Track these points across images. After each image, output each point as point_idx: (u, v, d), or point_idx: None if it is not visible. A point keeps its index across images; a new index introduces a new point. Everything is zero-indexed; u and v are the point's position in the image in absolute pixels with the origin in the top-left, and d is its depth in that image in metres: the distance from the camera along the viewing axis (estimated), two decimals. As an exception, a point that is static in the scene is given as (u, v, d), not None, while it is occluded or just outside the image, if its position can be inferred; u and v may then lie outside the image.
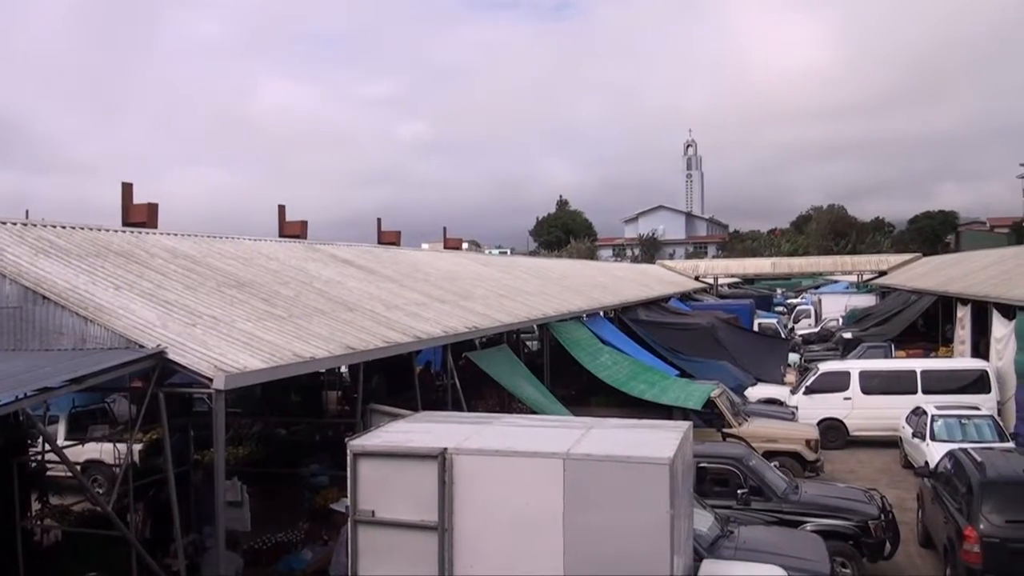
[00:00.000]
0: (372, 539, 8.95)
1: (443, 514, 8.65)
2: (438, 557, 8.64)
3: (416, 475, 8.77)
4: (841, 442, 24.88)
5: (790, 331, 48.56)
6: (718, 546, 11.47)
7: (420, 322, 15.89)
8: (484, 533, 8.62)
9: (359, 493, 8.98)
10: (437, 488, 8.65)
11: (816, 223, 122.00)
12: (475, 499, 8.65)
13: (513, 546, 8.52)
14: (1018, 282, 27.31)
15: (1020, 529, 12.65)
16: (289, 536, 13.31)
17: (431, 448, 8.76)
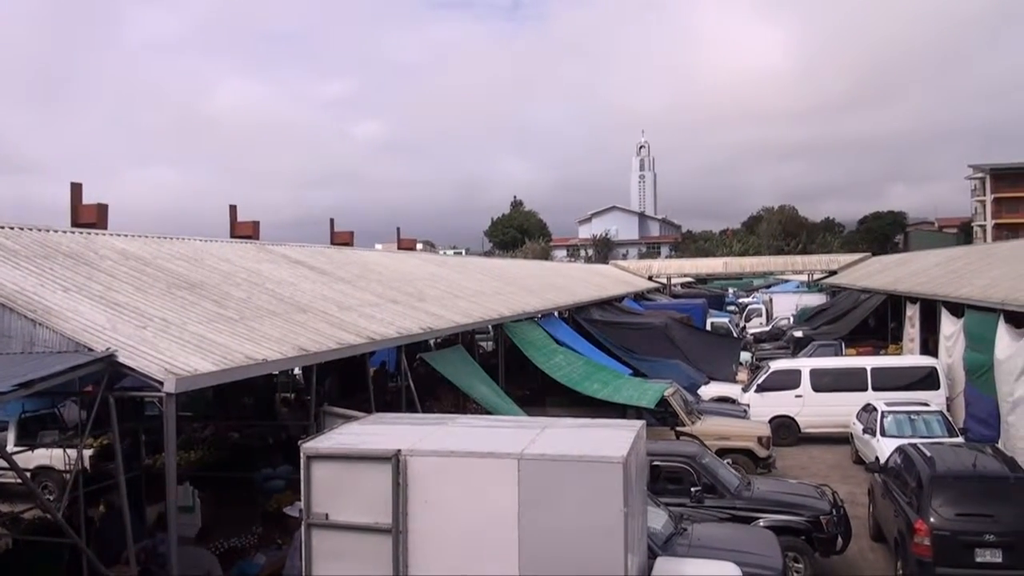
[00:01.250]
0: (326, 542, 8.89)
1: (397, 516, 8.62)
2: (392, 559, 8.60)
3: (370, 477, 8.72)
4: (793, 439, 25.19)
5: (742, 330, 49.08)
6: (672, 544, 11.56)
7: (374, 323, 15.83)
8: (439, 534, 8.60)
9: (312, 496, 8.92)
10: (391, 490, 8.62)
11: (767, 223, 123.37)
12: (429, 500, 8.62)
13: (468, 547, 8.51)
14: (966, 281, 27.81)
15: (969, 522, 12.91)
16: (242, 541, 13.19)
17: (385, 450, 8.73)
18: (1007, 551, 12.64)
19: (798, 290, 65.85)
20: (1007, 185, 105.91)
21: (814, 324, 42.60)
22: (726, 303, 65.66)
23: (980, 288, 24.73)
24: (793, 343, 38.77)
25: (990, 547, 12.68)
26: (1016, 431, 19.15)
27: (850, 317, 40.54)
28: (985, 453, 15.29)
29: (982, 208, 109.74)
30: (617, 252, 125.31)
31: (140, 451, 14.70)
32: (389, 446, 8.78)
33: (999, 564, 12.65)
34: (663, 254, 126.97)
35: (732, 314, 55.95)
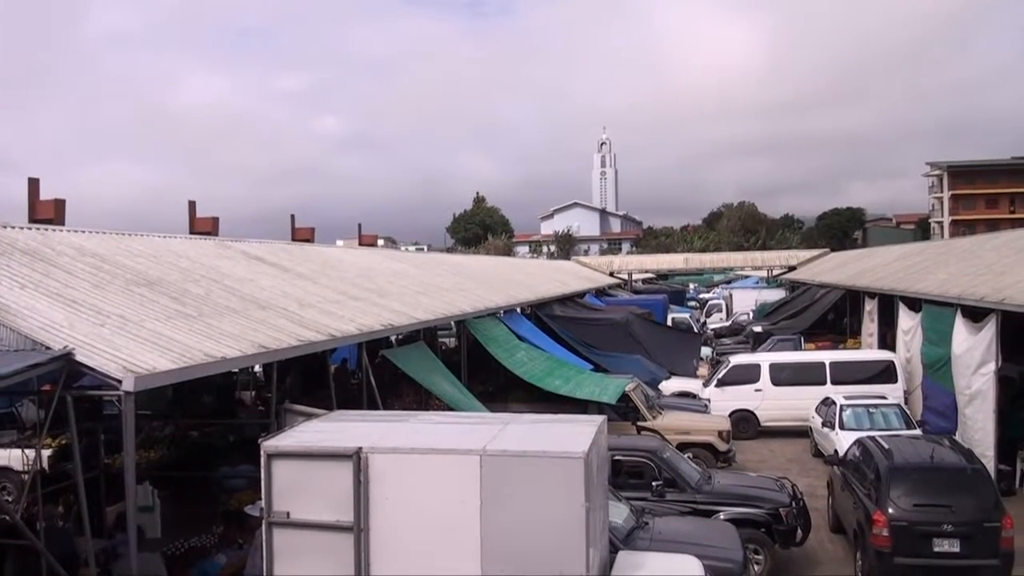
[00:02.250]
0: (287, 541, 8.82)
1: (359, 514, 8.58)
2: (354, 557, 8.56)
3: (331, 475, 8.67)
4: (752, 433, 25.43)
5: (702, 325, 49.43)
6: (634, 538, 11.61)
7: (335, 320, 15.75)
8: (401, 532, 8.58)
9: (273, 494, 8.84)
10: (352, 488, 8.58)
11: (727, 220, 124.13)
12: (391, 498, 8.59)
13: (430, 544, 8.49)
14: (923, 276, 28.18)
15: (927, 512, 13.13)
16: (203, 540, 13.07)
17: (346, 447, 8.68)
18: (964, 541, 12.87)
19: (758, 286, 66.34)
20: (964, 182, 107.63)
21: (773, 319, 42.93)
22: (687, 299, 66.15)
23: (937, 283, 25.07)
24: (753, 338, 39.06)
25: (948, 537, 12.91)
26: (973, 423, 19.46)
27: (809, 312, 40.92)
28: (943, 445, 15.52)
29: (939, 205, 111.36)
30: (579, 248, 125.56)
31: (99, 451, 14.53)
32: (350, 444, 8.73)
33: (956, 554, 12.89)
34: (624, 250, 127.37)
35: (693, 309, 56.40)
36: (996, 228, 65.86)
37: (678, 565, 9.81)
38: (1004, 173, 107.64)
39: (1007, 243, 27.46)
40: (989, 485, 13.90)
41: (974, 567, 12.94)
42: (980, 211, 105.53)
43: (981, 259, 26.41)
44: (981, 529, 12.92)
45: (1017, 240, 27.06)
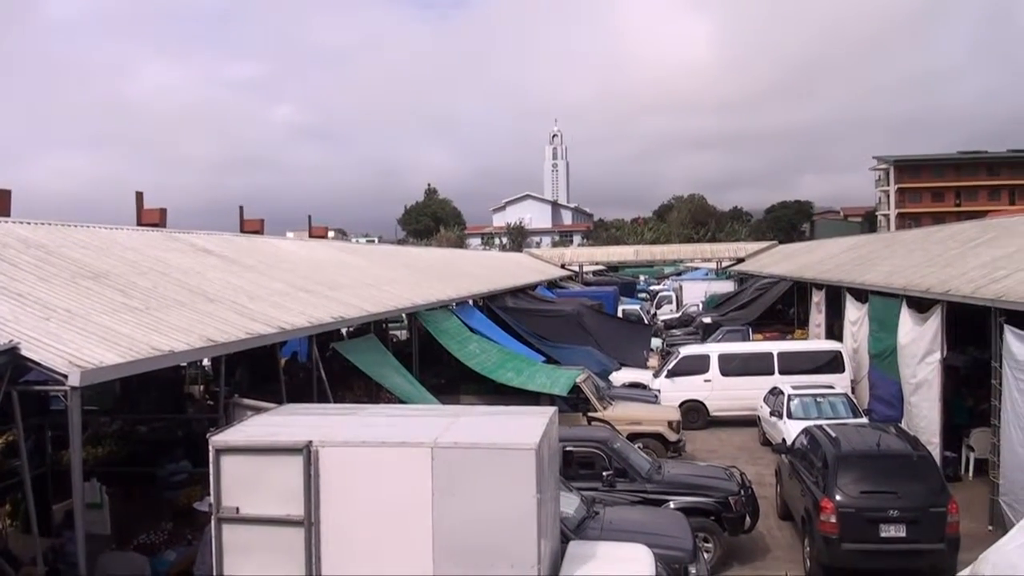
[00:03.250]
0: (237, 537, 8.75)
1: (309, 508, 8.53)
2: (305, 552, 8.52)
3: (281, 469, 8.62)
4: (702, 422, 25.68)
5: (652, 316, 49.73)
6: (585, 527, 11.68)
7: (284, 313, 15.61)
8: (352, 525, 8.55)
9: (223, 490, 8.76)
10: (303, 482, 8.53)
11: (677, 212, 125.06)
12: (342, 492, 8.55)
13: (381, 537, 8.47)
14: (870, 268, 28.60)
15: (874, 499, 13.36)
16: (152, 537, 12.89)
17: (296, 441, 8.62)
18: (910, 526, 13.12)
19: (707, 277, 66.91)
20: (910, 176, 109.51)
21: (723, 310, 43.29)
22: (637, 290, 66.50)
23: (883, 275, 25.46)
24: (702, 329, 39.35)
25: (894, 523, 13.15)
26: (919, 411, 19.82)
27: (757, 303, 41.31)
28: (889, 433, 15.78)
29: (886, 198, 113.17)
30: (531, 240, 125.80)
31: (46, 447, 14.28)
32: (300, 437, 8.67)
33: (903, 539, 13.13)
34: (576, 242, 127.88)
35: (643, 301, 56.64)
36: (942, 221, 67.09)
37: (628, 554, 9.88)
38: (950, 167, 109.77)
39: (952, 236, 27.94)
40: (935, 471, 14.18)
41: (920, 551, 13.18)
42: (926, 204, 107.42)
43: (927, 251, 26.85)
44: (927, 514, 13.17)
45: (962, 233, 27.56)
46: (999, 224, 27.09)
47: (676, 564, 11.45)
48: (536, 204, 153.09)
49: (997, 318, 16.06)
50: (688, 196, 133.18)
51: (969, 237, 25.53)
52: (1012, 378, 15.52)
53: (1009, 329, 15.66)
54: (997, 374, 16.12)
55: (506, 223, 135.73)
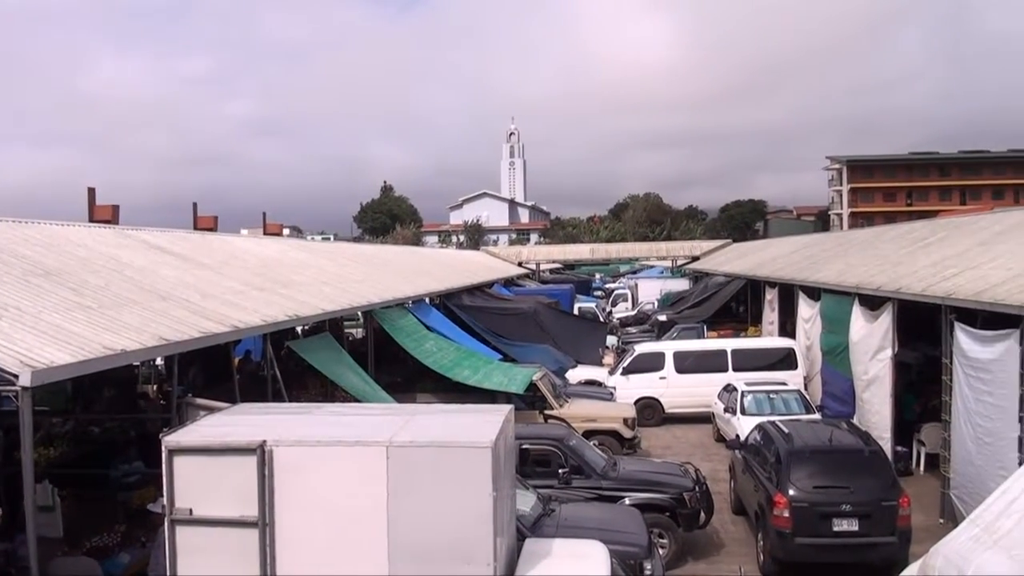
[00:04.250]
0: (191, 538, 8.63)
1: (263, 509, 8.45)
2: (259, 553, 8.45)
3: (235, 470, 8.52)
4: (657, 419, 25.86)
5: (608, 314, 49.92)
6: (541, 525, 11.71)
7: (238, 311, 15.49)
8: (306, 525, 8.48)
9: (176, 491, 8.64)
10: (257, 482, 8.45)
11: (633, 211, 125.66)
12: (297, 492, 8.48)
13: (337, 537, 8.42)
14: (822, 267, 28.93)
15: (826, 494, 13.55)
16: (105, 540, 12.73)
17: (249, 441, 8.53)
18: (863, 520, 13.32)
19: (662, 275, 67.37)
20: (862, 176, 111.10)
21: (677, 308, 43.62)
22: (593, 288, 66.78)
23: (836, 273, 25.76)
24: (657, 327, 39.61)
25: (847, 517, 13.33)
26: (870, 407, 20.11)
27: (712, 301, 41.66)
28: (841, 428, 16.01)
29: (839, 197, 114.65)
30: (488, 238, 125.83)
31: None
32: (254, 437, 8.58)
33: (855, 532, 13.33)
34: (533, 240, 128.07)
35: (599, 299, 56.94)
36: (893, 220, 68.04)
37: (584, 551, 9.91)
38: (901, 168, 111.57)
39: (903, 235, 28.35)
40: (886, 466, 14.42)
41: (872, 545, 13.38)
42: (878, 204, 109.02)
43: (878, 250, 27.21)
44: (879, 508, 13.37)
45: (913, 232, 27.97)
46: (949, 224, 27.51)
47: (631, 560, 11.51)
48: (493, 202, 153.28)
49: (948, 316, 16.34)
50: (644, 195, 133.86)
51: (920, 236, 25.92)
52: (962, 375, 15.80)
53: (959, 326, 15.93)
54: (948, 371, 16.40)
55: (463, 221, 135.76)
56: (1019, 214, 22.42)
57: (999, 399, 14.30)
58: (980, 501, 10.27)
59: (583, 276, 75.68)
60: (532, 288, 51.08)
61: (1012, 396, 13.75)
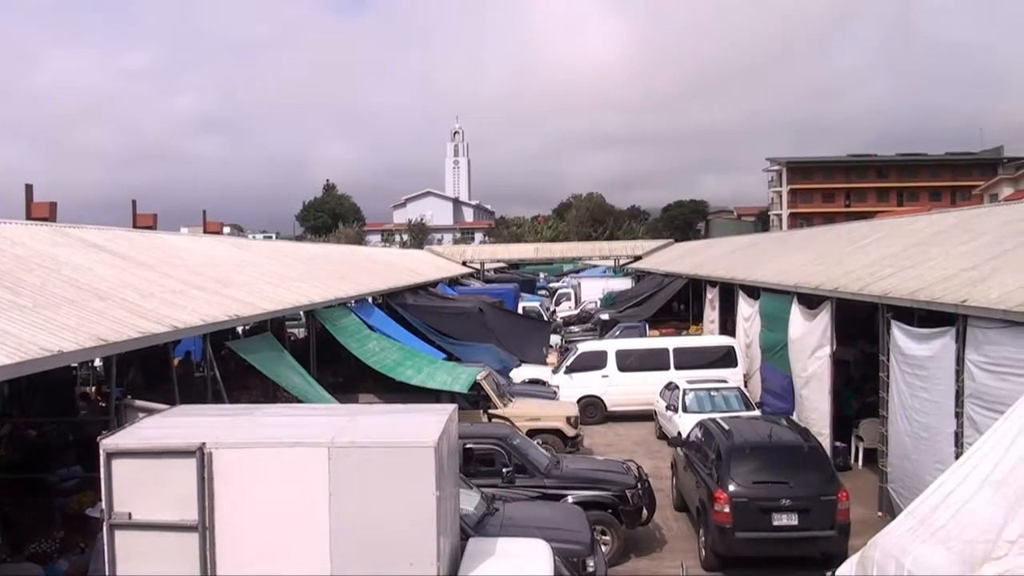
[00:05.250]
0: (130, 543, 8.50)
1: (204, 512, 8.36)
2: (200, 557, 8.35)
3: (174, 473, 8.41)
4: (600, 417, 26.01)
5: (552, 313, 50.09)
6: (484, 524, 11.73)
7: (177, 311, 15.28)
8: (248, 528, 8.41)
9: (114, 495, 8.51)
10: (197, 485, 8.36)
11: (576, 210, 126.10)
12: (238, 494, 8.40)
13: (278, 540, 8.35)
14: (762, 266, 29.30)
15: (766, 489, 13.79)
16: (44, 546, 12.50)
17: (189, 444, 8.43)
18: (802, 514, 13.56)
19: (605, 275, 67.72)
20: (801, 177, 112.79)
21: (620, 307, 43.85)
22: (537, 287, 66.89)
23: (775, 272, 26.11)
24: (600, 325, 39.81)
25: (786, 511, 13.57)
26: (809, 404, 20.46)
27: (654, 300, 41.99)
28: (780, 424, 16.27)
29: (778, 198, 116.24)
30: (432, 237, 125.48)
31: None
32: (193, 439, 8.48)
33: (795, 527, 13.57)
34: (477, 239, 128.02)
35: (543, 298, 57.02)
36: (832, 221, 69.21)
37: (527, 549, 9.96)
38: (840, 170, 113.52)
39: (841, 235, 28.80)
40: (825, 461, 14.69)
41: (812, 538, 13.64)
42: (817, 205, 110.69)
43: (817, 250, 27.62)
44: (818, 503, 13.63)
45: (851, 232, 28.42)
46: (886, 224, 28.03)
47: (574, 558, 11.59)
48: (437, 201, 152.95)
49: (884, 314, 16.66)
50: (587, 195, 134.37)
51: (858, 237, 26.34)
52: (899, 371, 16.12)
53: (896, 324, 16.26)
54: (885, 368, 16.73)
55: (407, 220, 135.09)
56: (955, 215, 22.91)
57: (935, 395, 14.61)
58: (917, 494, 10.48)
59: (527, 275, 75.79)
60: (476, 287, 51.06)
61: (948, 392, 14.05)
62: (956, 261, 16.56)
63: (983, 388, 12.93)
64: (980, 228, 18.75)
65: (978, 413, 12.93)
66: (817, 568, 12.62)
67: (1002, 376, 12.38)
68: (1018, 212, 19.12)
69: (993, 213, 20.77)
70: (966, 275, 15.04)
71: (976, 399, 13.13)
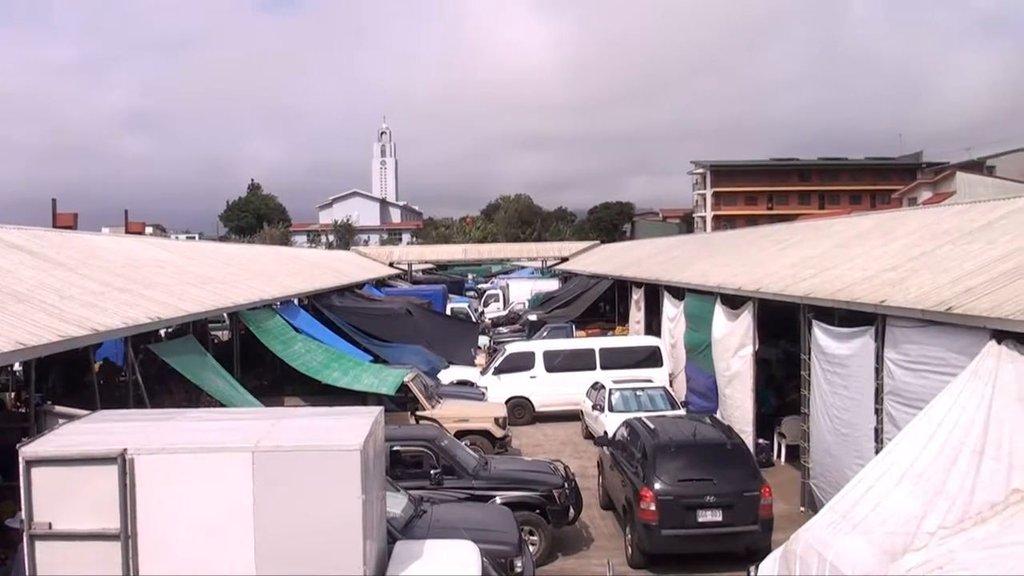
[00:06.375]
0: (51, 554, 8.29)
1: (126, 521, 8.20)
2: (123, 567, 8.20)
3: (95, 480, 8.24)
4: (528, 418, 26.13)
5: (480, 315, 50.12)
6: (412, 526, 11.71)
7: (98, 313, 14.98)
8: (171, 536, 8.28)
9: (34, 504, 8.29)
10: (118, 493, 8.21)
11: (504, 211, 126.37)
12: (160, 501, 8.26)
13: (202, 547, 8.24)
14: (686, 267, 29.71)
15: (691, 486, 14.01)
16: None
17: (110, 450, 8.27)
18: (726, 510, 13.81)
19: (533, 276, 67.96)
20: (725, 180, 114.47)
21: (547, 308, 44.08)
22: (465, 289, 66.88)
23: (699, 274, 26.49)
24: (528, 326, 39.95)
25: (711, 508, 13.81)
26: (732, 402, 20.81)
27: (581, 301, 42.29)
28: (704, 423, 16.57)
29: (703, 200, 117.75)
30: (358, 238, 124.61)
31: None
32: (114, 446, 8.33)
33: (719, 523, 13.81)
34: (405, 240, 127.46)
35: (471, 299, 57.03)
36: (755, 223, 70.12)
37: (454, 551, 9.97)
38: (763, 173, 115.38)
39: (764, 237, 29.32)
40: (748, 458, 14.99)
41: (736, 534, 13.89)
42: (740, 207, 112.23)
43: (740, 251, 28.10)
44: (742, 499, 13.90)
45: (773, 234, 28.94)
46: (808, 227, 28.60)
47: (502, 559, 11.63)
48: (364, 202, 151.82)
49: (806, 314, 17.02)
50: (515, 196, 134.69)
51: (780, 238, 26.85)
52: (820, 370, 16.48)
53: (817, 324, 16.62)
54: (806, 366, 17.09)
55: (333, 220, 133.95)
56: (875, 218, 23.47)
57: (855, 392, 14.97)
58: (838, 489, 10.78)
59: (455, 276, 75.68)
60: (404, 288, 50.90)
61: (867, 389, 14.40)
62: (876, 262, 16.98)
63: (902, 385, 13.28)
64: (899, 231, 19.25)
65: (897, 410, 13.28)
66: (741, 563, 12.80)
67: (920, 373, 12.71)
68: (936, 215, 19.68)
69: (912, 216, 21.33)
70: (885, 276, 15.45)
71: (895, 396, 13.48)
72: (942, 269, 14.20)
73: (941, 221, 18.39)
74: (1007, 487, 8.12)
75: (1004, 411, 9.12)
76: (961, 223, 17.23)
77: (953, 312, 11.67)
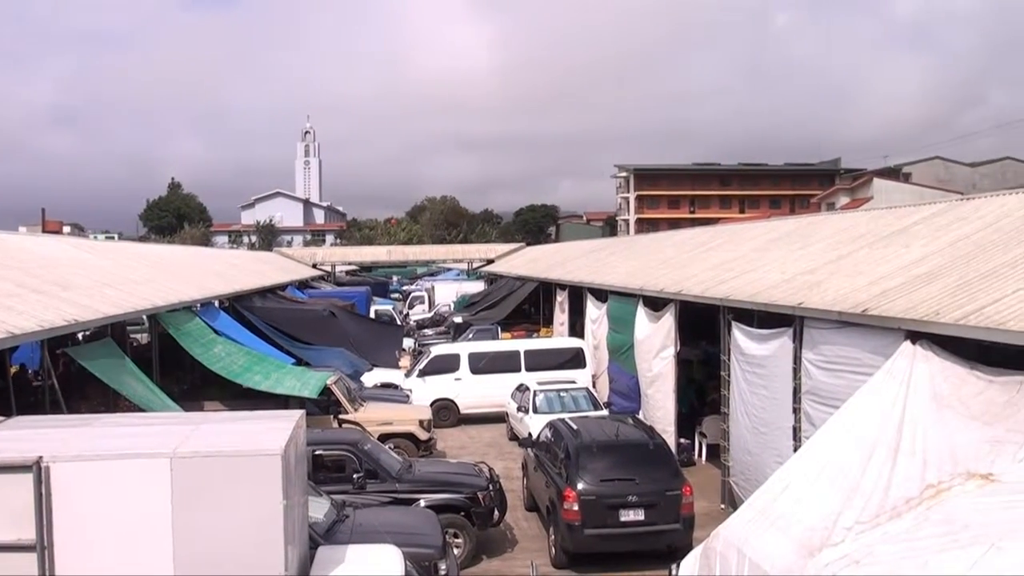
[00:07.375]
0: (-37, 566, 8.13)
1: (42, 530, 8.03)
2: (38, 577, 8.03)
3: (9, 489, 8.05)
4: (453, 420, 26.14)
5: (405, 317, 50.02)
6: (334, 531, 11.62)
7: (12, 315, 14.60)
8: (88, 545, 8.12)
9: (-54, 516, 8.10)
10: (33, 502, 8.02)
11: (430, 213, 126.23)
12: (77, 510, 8.10)
13: (120, 555, 8.10)
14: (609, 270, 30.01)
15: (613, 486, 14.20)
16: None
17: (24, 458, 8.09)
18: (648, 509, 14.02)
19: (458, 278, 68.01)
20: (647, 184, 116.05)
21: (473, 310, 44.14)
22: (390, 290, 66.65)
23: (622, 276, 26.78)
24: (453, 329, 40.00)
25: (633, 507, 14.01)
26: (654, 402, 21.08)
27: (506, 303, 42.45)
28: (627, 423, 16.79)
29: (626, 204, 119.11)
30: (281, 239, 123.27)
31: None
32: (29, 453, 8.14)
33: (642, 522, 14.02)
34: (328, 242, 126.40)
35: (396, 301, 56.87)
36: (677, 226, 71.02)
37: (377, 555, 9.96)
38: (686, 177, 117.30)
39: (686, 240, 29.76)
40: (670, 458, 15.22)
41: (658, 532, 14.10)
42: (663, 211, 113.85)
43: (662, 254, 28.48)
44: (664, 498, 14.12)
45: (695, 237, 29.39)
46: (728, 230, 29.09)
47: (426, 562, 11.63)
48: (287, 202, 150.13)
49: (726, 316, 17.32)
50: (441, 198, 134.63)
51: (701, 242, 27.27)
52: (740, 370, 16.80)
53: (736, 325, 16.94)
54: (726, 367, 17.40)
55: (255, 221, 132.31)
56: (792, 222, 23.97)
57: (774, 392, 15.29)
58: (758, 487, 11.02)
59: (380, 278, 75.37)
60: (327, 290, 50.54)
61: (785, 389, 14.72)
62: (794, 265, 17.36)
63: (819, 385, 13.61)
64: (817, 235, 19.70)
65: (814, 408, 13.60)
66: (663, 561, 12.94)
67: (837, 373, 13.04)
68: (853, 220, 20.18)
69: (829, 221, 21.84)
70: (803, 279, 15.80)
71: (812, 395, 13.81)
72: (858, 272, 14.58)
73: (858, 225, 18.86)
74: (922, 482, 8.34)
75: (918, 409, 9.41)
76: (877, 228, 17.69)
77: (869, 313, 11.99)
